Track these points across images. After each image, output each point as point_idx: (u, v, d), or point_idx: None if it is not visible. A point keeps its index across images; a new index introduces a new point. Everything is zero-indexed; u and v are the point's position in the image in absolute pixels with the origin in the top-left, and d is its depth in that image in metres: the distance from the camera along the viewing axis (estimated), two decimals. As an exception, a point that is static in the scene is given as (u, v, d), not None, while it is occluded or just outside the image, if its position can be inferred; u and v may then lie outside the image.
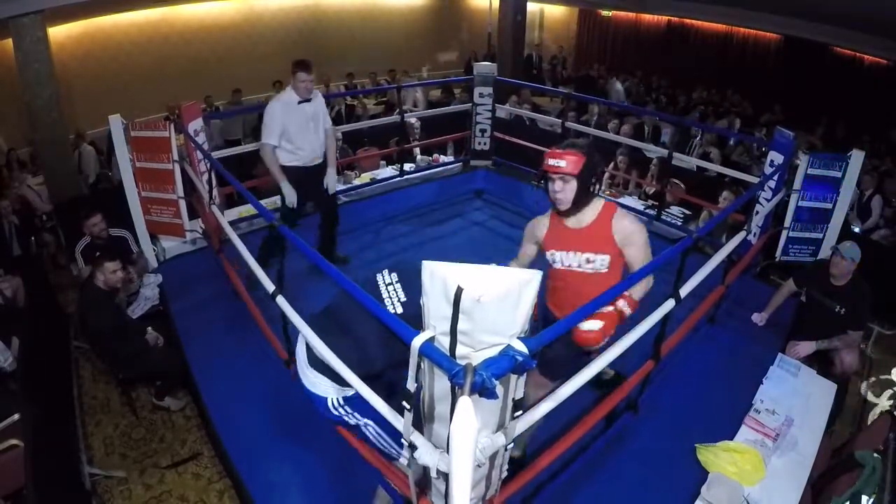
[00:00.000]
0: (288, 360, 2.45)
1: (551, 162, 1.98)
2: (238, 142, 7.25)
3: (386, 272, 1.65)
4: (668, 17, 10.68)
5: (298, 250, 2.05)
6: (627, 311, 1.90)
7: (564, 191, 1.99)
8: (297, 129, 3.41)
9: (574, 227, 2.09)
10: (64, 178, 5.62)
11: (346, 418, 1.71)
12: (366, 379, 1.54)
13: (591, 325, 1.80)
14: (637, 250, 2.02)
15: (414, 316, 1.41)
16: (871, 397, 2.36)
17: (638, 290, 1.98)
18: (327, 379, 1.66)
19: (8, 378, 3.03)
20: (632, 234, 2.02)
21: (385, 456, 1.76)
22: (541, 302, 1.90)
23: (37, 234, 5.19)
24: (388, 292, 1.62)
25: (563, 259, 2.11)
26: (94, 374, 3.54)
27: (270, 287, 2.23)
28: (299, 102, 3.39)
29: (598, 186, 2.05)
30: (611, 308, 1.85)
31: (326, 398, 1.68)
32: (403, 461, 1.50)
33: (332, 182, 3.67)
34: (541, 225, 2.22)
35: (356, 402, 1.65)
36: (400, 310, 1.57)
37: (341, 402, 1.69)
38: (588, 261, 2.06)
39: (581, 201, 2.01)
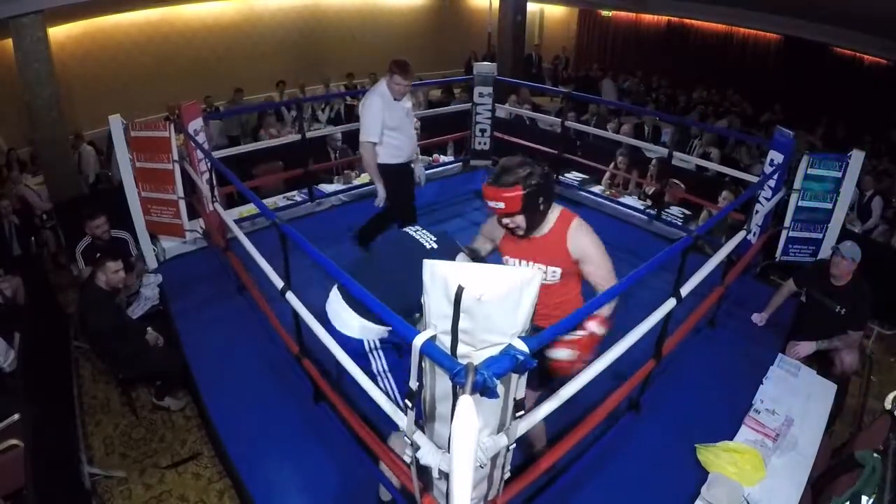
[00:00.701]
0: (300, 354, 2.45)
1: (490, 204, 1.90)
2: (237, 139, 7.25)
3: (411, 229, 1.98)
4: (668, 17, 10.69)
5: (301, 248, 2.04)
6: (601, 331, 1.81)
7: (515, 222, 1.93)
8: (397, 125, 3.40)
9: (530, 237, 2.03)
10: (64, 178, 5.62)
11: (372, 364, 1.88)
12: (404, 314, 1.58)
13: (563, 354, 1.76)
14: (596, 267, 1.96)
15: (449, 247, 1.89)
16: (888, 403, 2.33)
17: (607, 308, 1.89)
18: (364, 319, 1.84)
19: (8, 378, 3.03)
20: (586, 250, 1.96)
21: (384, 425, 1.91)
22: None
23: (37, 233, 5.19)
24: (420, 236, 1.96)
25: (517, 266, 2.06)
26: (94, 374, 3.55)
27: (280, 284, 2.23)
28: (395, 100, 3.40)
29: (549, 202, 1.96)
30: (581, 333, 1.78)
31: (362, 340, 1.86)
32: (406, 458, 1.50)
33: (421, 174, 3.83)
34: (499, 228, 2.08)
35: (388, 350, 1.82)
36: (435, 245, 1.91)
37: (377, 344, 1.88)
38: (542, 271, 2.00)
39: (534, 224, 1.95)
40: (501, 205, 1.87)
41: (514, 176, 1.86)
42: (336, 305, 1.95)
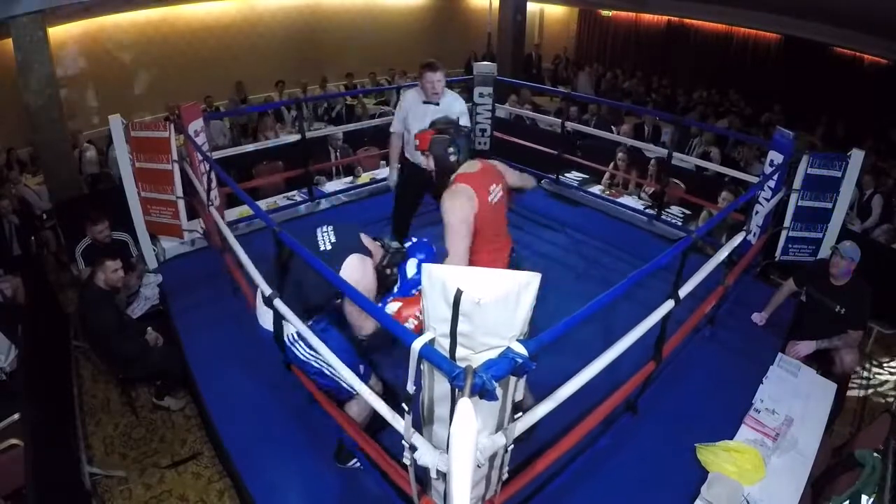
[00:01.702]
0: (286, 361, 2.44)
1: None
2: (238, 139, 7.25)
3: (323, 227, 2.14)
4: (668, 17, 10.67)
5: (297, 255, 2.04)
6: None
7: (429, 164, 2.22)
8: (415, 124, 3.38)
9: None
10: (64, 178, 5.60)
11: (299, 354, 2.14)
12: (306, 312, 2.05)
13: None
14: (445, 238, 2.05)
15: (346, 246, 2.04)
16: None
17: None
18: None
19: (8, 378, 3.03)
20: (444, 216, 2.05)
21: (341, 393, 2.16)
22: None
23: (36, 233, 5.19)
24: (322, 235, 2.10)
25: None
26: (94, 374, 3.55)
27: (267, 290, 2.22)
28: (424, 102, 3.41)
29: (458, 155, 2.16)
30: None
31: (285, 335, 2.13)
32: (406, 461, 1.50)
33: None
34: None
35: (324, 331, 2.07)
36: (329, 247, 2.06)
37: (295, 336, 2.12)
38: None
39: (439, 171, 2.18)
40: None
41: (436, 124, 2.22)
42: (259, 308, 2.22)
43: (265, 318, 2.19)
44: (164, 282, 3.69)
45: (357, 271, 2.03)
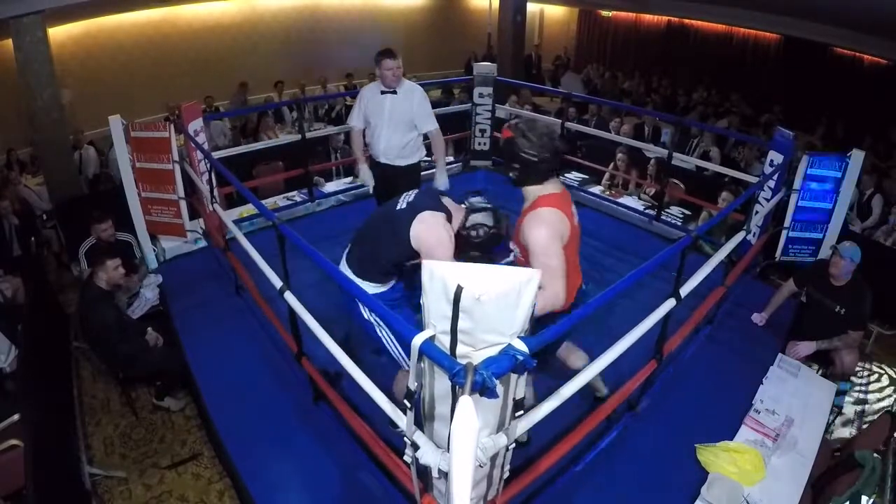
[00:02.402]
0: (298, 353, 2.45)
1: None
2: (238, 138, 7.25)
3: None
4: (668, 17, 10.67)
5: (300, 249, 2.05)
6: None
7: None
8: (376, 116, 3.38)
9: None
10: (64, 178, 5.61)
11: (365, 315, 2.15)
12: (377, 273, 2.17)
13: None
14: (532, 262, 1.84)
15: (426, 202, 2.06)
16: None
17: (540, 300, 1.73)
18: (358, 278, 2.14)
19: (8, 378, 3.03)
20: (529, 240, 1.87)
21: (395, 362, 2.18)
22: None
23: (37, 233, 5.19)
24: (404, 198, 2.14)
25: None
26: (94, 374, 3.55)
27: (278, 283, 2.23)
28: (382, 92, 3.34)
29: (529, 174, 1.97)
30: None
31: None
32: (407, 458, 1.50)
33: (441, 183, 3.61)
34: None
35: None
36: (405, 205, 2.11)
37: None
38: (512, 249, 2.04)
39: (517, 177, 1.98)
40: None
41: (523, 124, 1.96)
42: (342, 268, 2.22)
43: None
44: (164, 282, 3.69)
45: (433, 233, 1.95)
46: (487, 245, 2.00)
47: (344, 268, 2.19)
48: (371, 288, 2.16)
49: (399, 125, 3.39)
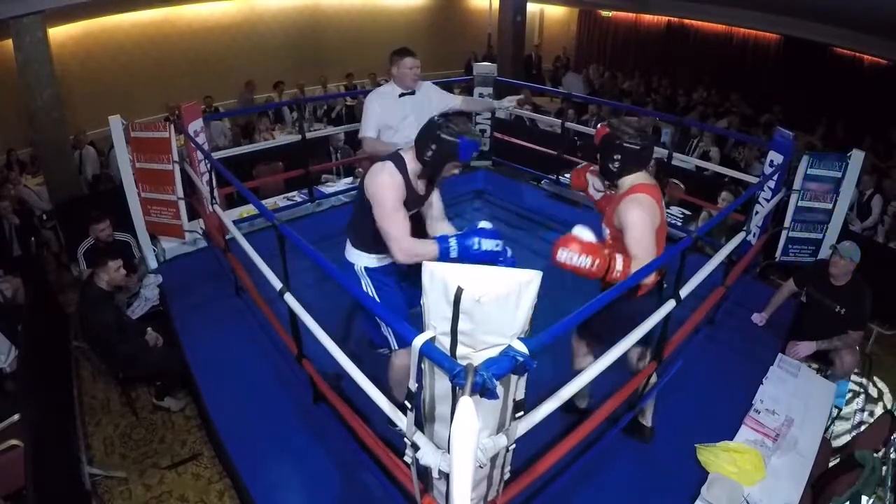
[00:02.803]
0: (299, 355, 2.45)
1: None
2: (238, 138, 7.27)
3: None
4: (668, 17, 10.67)
5: (300, 249, 2.05)
6: (619, 266, 1.90)
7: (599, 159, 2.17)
8: (394, 125, 3.08)
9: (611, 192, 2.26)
10: (64, 178, 5.61)
11: (362, 283, 2.23)
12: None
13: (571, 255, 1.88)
14: (629, 239, 1.98)
15: None
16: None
17: (633, 268, 1.91)
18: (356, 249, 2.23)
19: (8, 378, 3.03)
20: (627, 221, 1.99)
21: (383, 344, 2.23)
22: None
23: (36, 234, 5.20)
24: None
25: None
26: (94, 374, 3.55)
27: (278, 285, 2.24)
28: (401, 95, 3.07)
29: (628, 165, 2.08)
30: (606, 252, 1.91)
31: (354, 264, 2.23)
32: (408, 459, 1.50)
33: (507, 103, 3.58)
34: None
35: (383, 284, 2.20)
36: None
37: (363, 271, 2.23)
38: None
39: (607, 173, 2.14)
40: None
41: (616, 121, 2.13)
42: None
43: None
44: (164, 282, 3.69)
45: (375, 179, 2.04)
46: (438, 161, 2.09)
47: (347, 244, 2.28)
48: (369, 260, 2.22)
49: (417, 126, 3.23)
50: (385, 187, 2.03)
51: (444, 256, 1.98)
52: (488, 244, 2.01)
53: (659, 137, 6.68)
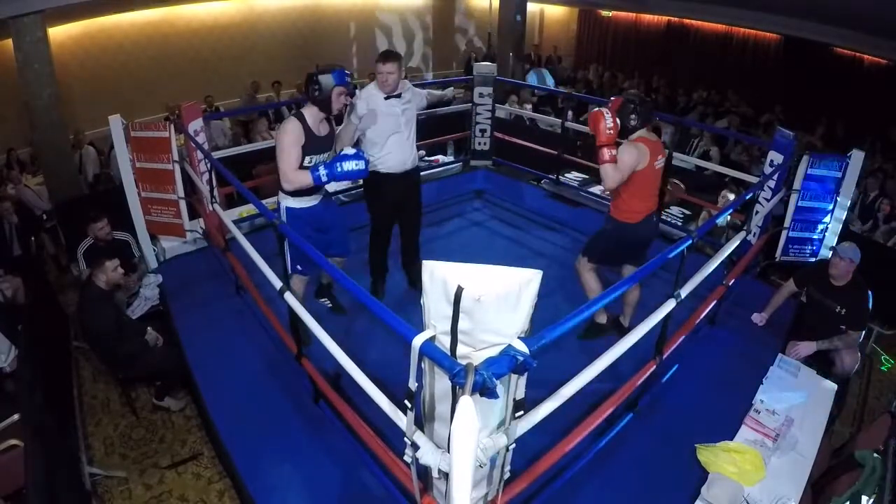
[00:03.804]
0: (299, 354, 2.45)
1: None
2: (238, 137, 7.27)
3: None
4: (668, 17, 10.67)
5: (301, 251, 2.05)
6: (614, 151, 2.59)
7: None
8: (387, 129, 3.04)
9: None
10: (64, 178, 5.61)
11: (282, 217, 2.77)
12: None
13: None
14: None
15: None
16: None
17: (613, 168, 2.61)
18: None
19: (8, 378, 3.03)
20: (620, 151, 2.63)
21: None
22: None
23: (36, 234, 5.20)
24: None
25: None
26: (94, 374, 3.55)
27: (278, 284, 2.24)
28: (386, 98, 3.01)
29: (638, 120, 2.69)
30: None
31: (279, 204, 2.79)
32: (407, 458, 1.50)
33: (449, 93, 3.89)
34: None
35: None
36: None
37: (286, 210, 2.78)
38: None
39: (621, 130, 2.65)
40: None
41: (626, 93, 2.83)
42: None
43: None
44: (164, 282, 3.69)
45: (278, 132, 2.65)
46: (326, 94, 2.62)
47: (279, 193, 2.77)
48: (291, 202, 2.77)
49: (412, 125, 3.17)
50: (284, 133, 2.61)
51: (317, 181, 2.57)
52: (349, 165, 2.54)
53: (659, 137, 6.68)
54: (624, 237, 2.85)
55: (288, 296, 2.19)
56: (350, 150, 2.59)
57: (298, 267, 2.75)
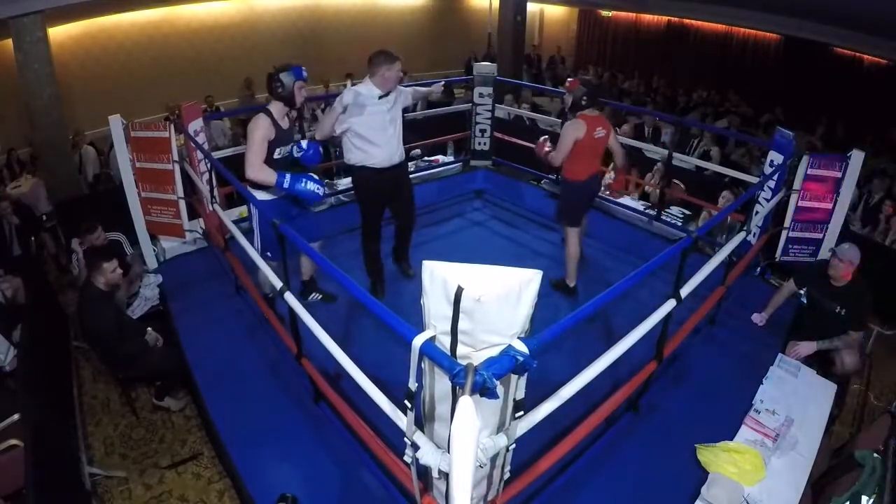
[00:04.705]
0: (298, 354, 2.45)
1: None
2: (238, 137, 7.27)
3: None
4: (668, 17, 10.68)
5: (300, 249, 2.05)
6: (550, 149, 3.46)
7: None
8: (377, 124, 3.15)
9: None
10: (64, 178, 5.62)
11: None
12: None
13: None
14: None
15: None
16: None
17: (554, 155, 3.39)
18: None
19: (8, 378, 3.03)
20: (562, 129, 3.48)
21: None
22: None
23: (36, 234, 5.19)
24: None
25: None
26: (94, 374, 3.55)
27: (278, 284, 2.24)
28: (380, 97, 3.14)
29: (588, 103, 3.30)
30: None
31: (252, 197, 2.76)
32: (408, 458, 1.50)
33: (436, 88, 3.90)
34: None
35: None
36: None
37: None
38: None
39: (570, 105, 3.38)
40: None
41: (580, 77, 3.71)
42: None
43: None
44: (164, 282, 3.69)
45: (251, 125, 2.77)
46: (288, 88, 2.88)
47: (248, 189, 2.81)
48: (262, 195, 2.83)
49: (398, 123, 3.30)
50: (256, 128, 2.75)
51: (279, 186, 2.76)
52: (312, 186, 2.80)
53: (659, 137, 6.69)
54: (575, 192, 3.50)
55: (288, 296, 2.19)
56: (315, 175, 2.90)
57: (268, 253, 2.77)
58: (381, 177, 3.24)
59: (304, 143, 2.93)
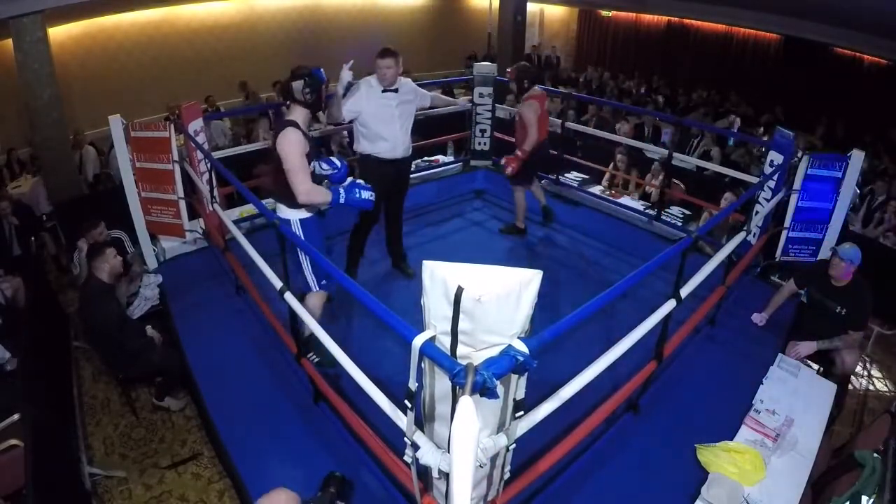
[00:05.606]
0: (298, 354, 2.45)
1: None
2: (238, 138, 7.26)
3: None
4: (668, 17, 10.68)
5: (298, 248, 2.05)
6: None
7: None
8: (382, 116, 3.30)
9: None
10: (64, 178, 5.61)
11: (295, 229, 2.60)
12: None
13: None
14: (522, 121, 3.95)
15: None
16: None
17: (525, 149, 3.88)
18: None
19: (8, 378, 3.03)
20: (520, 110, 4.00)
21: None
22: None
23: (36, 234, 5.19)
24: None
25: None
26: (94, 374, 3.55)
27: (278, 284, 2.24)
28: (383, 91, 3.29)
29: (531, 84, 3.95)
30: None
31: (290, 220, 2.60)
32: (408, 458, 1.50)
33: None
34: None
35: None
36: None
37: (300, 223, 2.62)
38: None
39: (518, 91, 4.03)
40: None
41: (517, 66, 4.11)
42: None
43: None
44: (164, 282, 3.68)
45: (282, 141, 2.47)
46: (317, 101, 2.65)
47: (280, 207, 2.64)
48: (301, 213, 2.61)
49: (408, 118, 3.45)
50: (290, 145, 2.47)
51: (334, 203, 2.58)
52: (366, 194, 2.62)
53: (659, 137, 6.69)
54: (533, 153, 3.98)
55: (288, 296, 2.19)
56: (361, 181, 2.69)
57: (324, 282, 2.68)
58: (387, 167, 3.39)
59: (336, 161, 2.71)
